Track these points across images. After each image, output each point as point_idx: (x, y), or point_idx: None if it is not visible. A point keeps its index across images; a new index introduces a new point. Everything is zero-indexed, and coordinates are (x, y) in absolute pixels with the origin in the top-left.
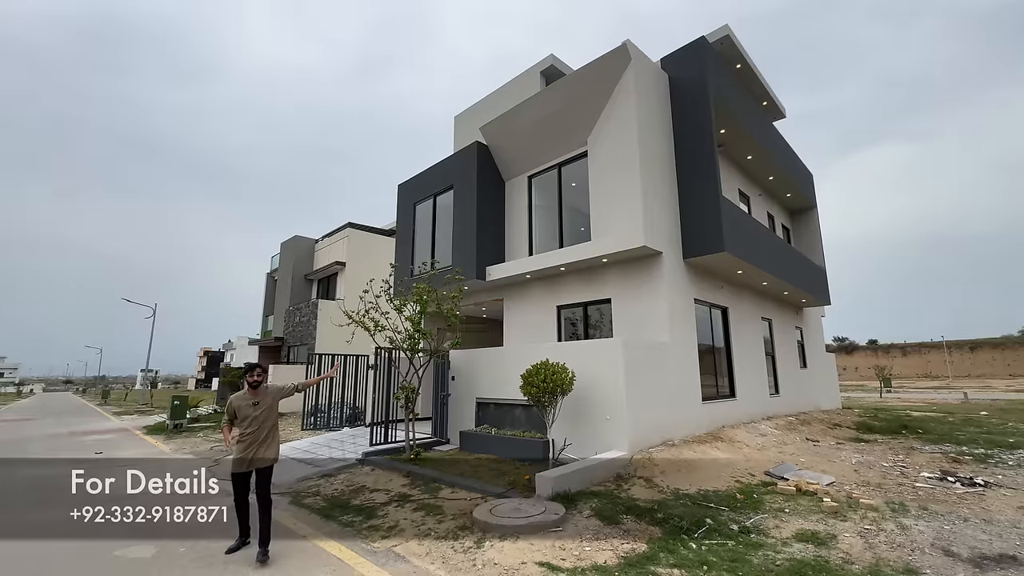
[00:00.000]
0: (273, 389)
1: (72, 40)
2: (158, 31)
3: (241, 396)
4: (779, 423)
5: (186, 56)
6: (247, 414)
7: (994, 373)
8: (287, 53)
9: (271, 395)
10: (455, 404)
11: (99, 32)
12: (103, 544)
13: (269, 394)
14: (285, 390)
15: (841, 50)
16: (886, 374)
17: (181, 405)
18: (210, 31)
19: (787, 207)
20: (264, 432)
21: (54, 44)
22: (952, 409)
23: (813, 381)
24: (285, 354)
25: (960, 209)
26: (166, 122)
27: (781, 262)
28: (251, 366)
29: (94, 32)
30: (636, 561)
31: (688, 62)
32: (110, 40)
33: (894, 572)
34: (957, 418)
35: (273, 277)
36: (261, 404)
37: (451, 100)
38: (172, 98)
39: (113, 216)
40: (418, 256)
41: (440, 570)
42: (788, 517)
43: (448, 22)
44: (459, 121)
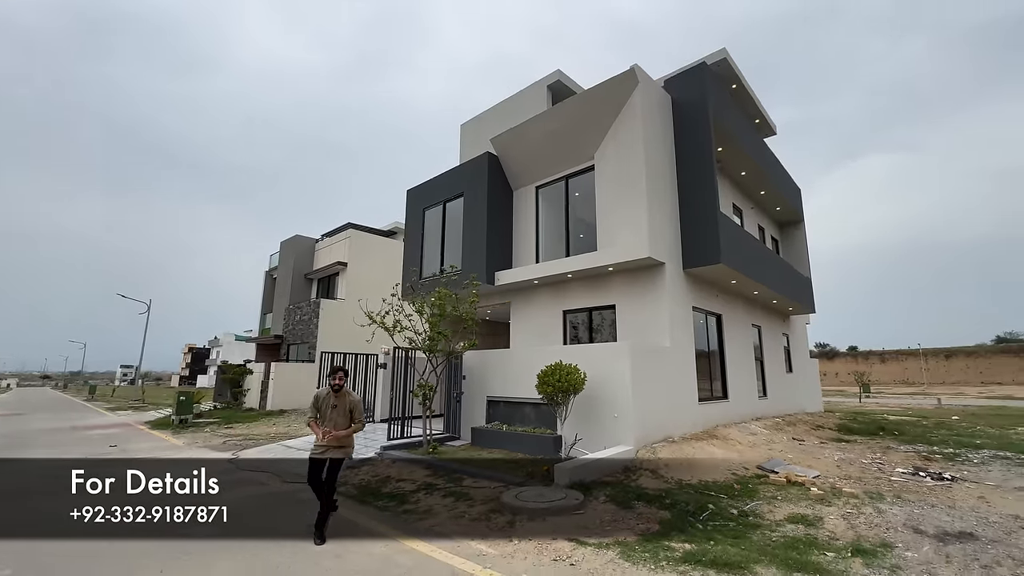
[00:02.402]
0: (352, 398)
1: (67, 24)
2: (155, 20)
3: (324, 394)
4: (767, 424)
5: (184, 47)
6: (326, 412)
7: (968, 380)
8: (283, 47)
9: (348, 401)
10: (466, 402)
11: (95, 18)
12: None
13: (347, 400)
14: (355, 413)
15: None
16: (865, 380)
17: (187, 401)
18: (208, 23)
19: (776, 220)
20: (338, 429)
21: (47, 27)
22: (927, 414)
23: (798, 385)
24: (284, 352)
25: (941, 218)
26: (160, 112)
27: (771, 272)
28: (335, 370)
29: (89, 16)
30: (651, 537)
31: (689, 85)
32: (105, 26)
33: (872, 546)
34: (931, 422)
35: (272, 276)
36: (339, 407)
37: (445, 98)
38: (168, 88)
39: (96, 206)
40: (427, 259)
41: (480, 544)
42: (780, 503)
43: (444, 23)
44: (465, 130)
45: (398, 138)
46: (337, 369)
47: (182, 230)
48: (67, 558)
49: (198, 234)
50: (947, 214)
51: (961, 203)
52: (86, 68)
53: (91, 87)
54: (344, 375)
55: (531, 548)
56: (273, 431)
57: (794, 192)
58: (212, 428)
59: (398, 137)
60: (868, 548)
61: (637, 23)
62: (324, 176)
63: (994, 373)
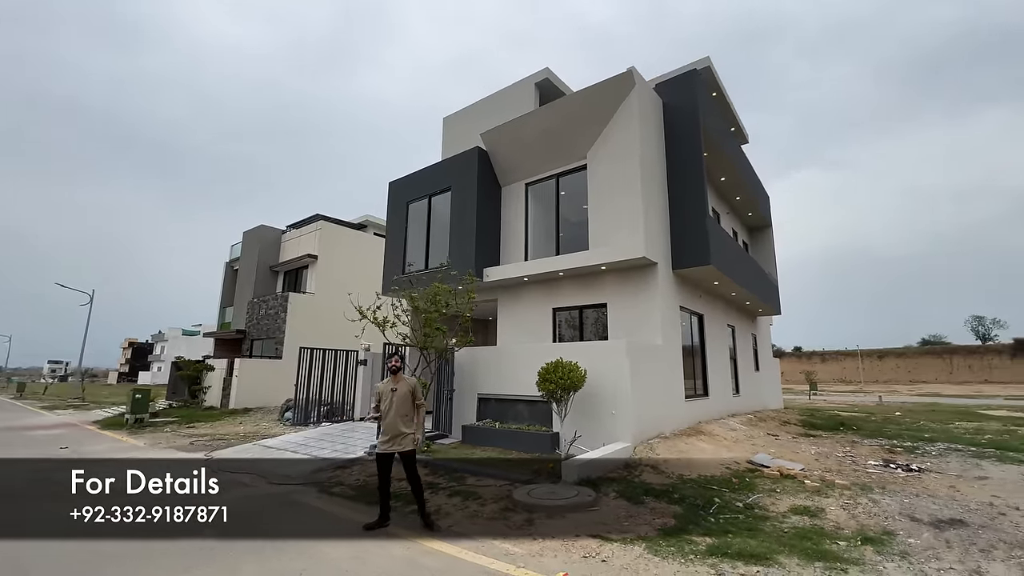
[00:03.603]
0: (411, 381)
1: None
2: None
3: (384, 382)
4: (743, 420)
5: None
6: (387, 396)
7: (898, 379)
8: (235, 32)
9: (408, 384)
10: (456, 399)
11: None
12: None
13: (406, 382)
14: (416, 394)
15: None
16: (813, 379)
17: (143, 399)
18: None
19: (747, 224)
20: (401, 414)
21: None
22: (872, 410)
23: (764, 383)
24: (247, 347)
25: (872, 231)
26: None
27: (748, 275)
28: (391, 354)
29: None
30: (671, 532)
31: (681, 90)
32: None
33: (876, 534)
34: (879, 418)
35: (233, 267)
36: (399, 389)
37: (412, 95)
38: (107, 63)
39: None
40: (410, 253)
41: (504, 543)
42: (780, 496)
43: (411, 19)
44: (448, 123)
45: (360, 132)
46: (393, 353)
47: (118, 218)
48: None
49: (136, 223)
50: (875, 227)
51: (889, 218)
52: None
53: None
54: (400, 358)
55: (557, 546)
56: (242, 430)
57: (764, 198)
58: (173, 428)
59: (360, 131)
60: (874, 536)
61: (608, 30)
62: (278, 168)
63: (920, 372)
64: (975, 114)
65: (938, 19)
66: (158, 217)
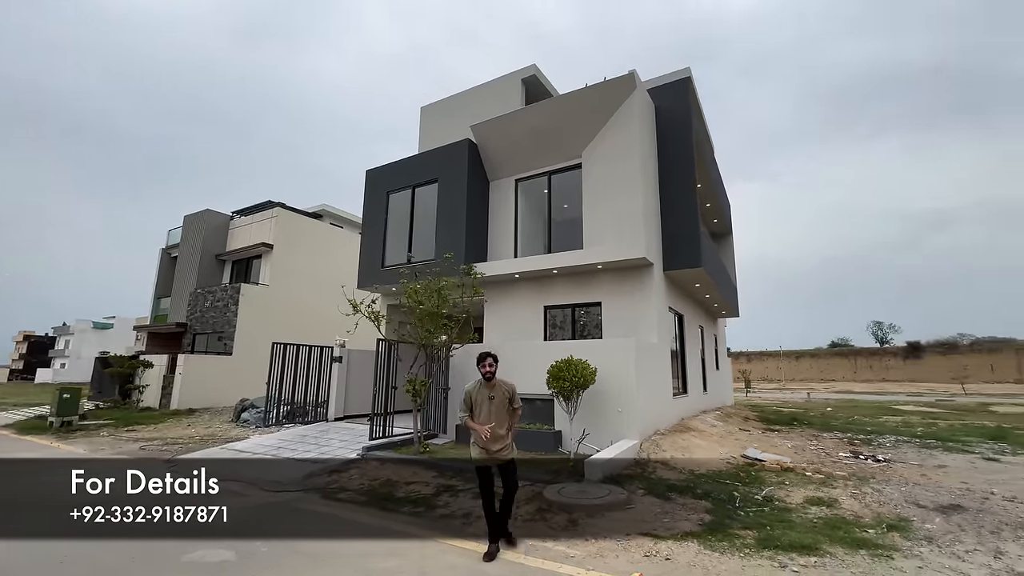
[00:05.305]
0: (509, 386)
1: None
2: None
3: (477, 387)
4: (715, 416)
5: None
6: (482, 406)
7: (812, 378)
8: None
9: (505, 391)
10: (450, 397)
11: None
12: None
13: (502, 388)
14: (515, 400)
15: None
16: (747, 377)
17: (72, 399)
18: None
19: (712, 231)
20: (500, 423)
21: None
22: (806, 407)
23: (722, 381)
24: (190, 342)
25: (793, 240)
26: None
27: (722, 278)
28: (484, 355)
29: None
30: (713, 527)
31: (674, 97)
32: None
33: (894, 521)
34: (816, 413)
35: (170, 254)
36: (496, 397)
37: (359, 86)
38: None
39: None
40: (390, 246)
41: (558, 545)
42: (790, 488)
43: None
44: (426, 113)
45: (297, 114)
46: (486, 355)
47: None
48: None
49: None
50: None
51: (811, 230)
52: None
53: None
54: (494, 360)
55: (614, 546)
56: (194, 433)
57: (728, 206)
58: (109, 431)
59: (296, 113)
60: (895, 523)
61: (558, 35)
62: (205, 152)
63: (830, 372)
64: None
65: (840, 59)
66: (69, 198)
